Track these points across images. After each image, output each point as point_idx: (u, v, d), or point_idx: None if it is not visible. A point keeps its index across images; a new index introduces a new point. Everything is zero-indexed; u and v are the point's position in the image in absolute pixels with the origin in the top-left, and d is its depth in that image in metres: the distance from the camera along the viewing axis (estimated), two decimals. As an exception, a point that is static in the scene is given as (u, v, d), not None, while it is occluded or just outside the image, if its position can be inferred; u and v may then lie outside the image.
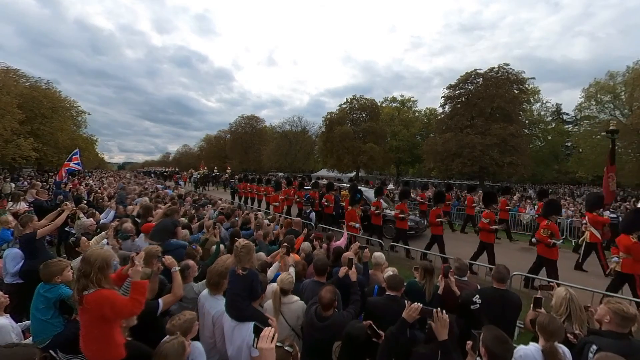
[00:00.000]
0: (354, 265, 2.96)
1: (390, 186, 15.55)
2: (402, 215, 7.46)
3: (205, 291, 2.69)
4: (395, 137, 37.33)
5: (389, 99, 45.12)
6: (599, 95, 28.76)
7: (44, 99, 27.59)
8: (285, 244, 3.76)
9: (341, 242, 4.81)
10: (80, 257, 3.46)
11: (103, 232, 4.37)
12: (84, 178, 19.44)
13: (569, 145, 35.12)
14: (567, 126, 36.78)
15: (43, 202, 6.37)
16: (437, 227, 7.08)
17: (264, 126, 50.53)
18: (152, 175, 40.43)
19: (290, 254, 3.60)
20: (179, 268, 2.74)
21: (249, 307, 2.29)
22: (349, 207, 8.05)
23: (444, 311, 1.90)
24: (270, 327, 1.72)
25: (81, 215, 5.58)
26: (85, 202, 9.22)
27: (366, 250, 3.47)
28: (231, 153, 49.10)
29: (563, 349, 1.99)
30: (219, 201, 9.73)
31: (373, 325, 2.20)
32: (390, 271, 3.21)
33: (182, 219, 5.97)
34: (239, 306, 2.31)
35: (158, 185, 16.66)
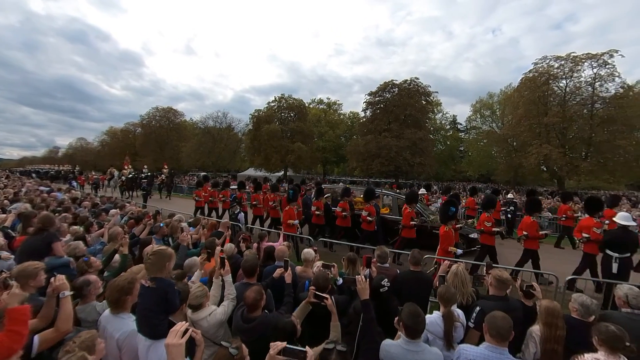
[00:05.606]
0: (289, 267, 2.95)
1: (422, 190, 12.54)
2: (496, 229, 6.46)
3: (107, 311, 2.26)
4: (321, 138, 38.63)
5: (316, 100, 46.55)
6: (482, 111, 37.13)
7: None
8: (206, 249, 3.49)
9: (277, 244, 4.64)
10: None
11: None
12: None
13: (462, 149, 42.53)
14: (460, 134, 44.32)
15: None
16: (534, 241, 5.94)
17: (182, 120, 45.59)
18: (34, 175, 32.46)
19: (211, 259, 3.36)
20: (72, 292, 2.20)
21: (163, 321, 2.00)
22: (442, 224, 5.57)
23: (363, 277, 2.40)
24: (183, 322, 1.58)
25: None
26: None
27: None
28: (143, 150, 42.42)
29: (458, 311, 2.47)
30: (127, 204, 8.43)
31: (317, 292, 2.42)
32: (319, 264, 3.29)
33: (75, 227, 4.95)
34: (153, 322, 1.99)
35: (42, 188, 13.40)
